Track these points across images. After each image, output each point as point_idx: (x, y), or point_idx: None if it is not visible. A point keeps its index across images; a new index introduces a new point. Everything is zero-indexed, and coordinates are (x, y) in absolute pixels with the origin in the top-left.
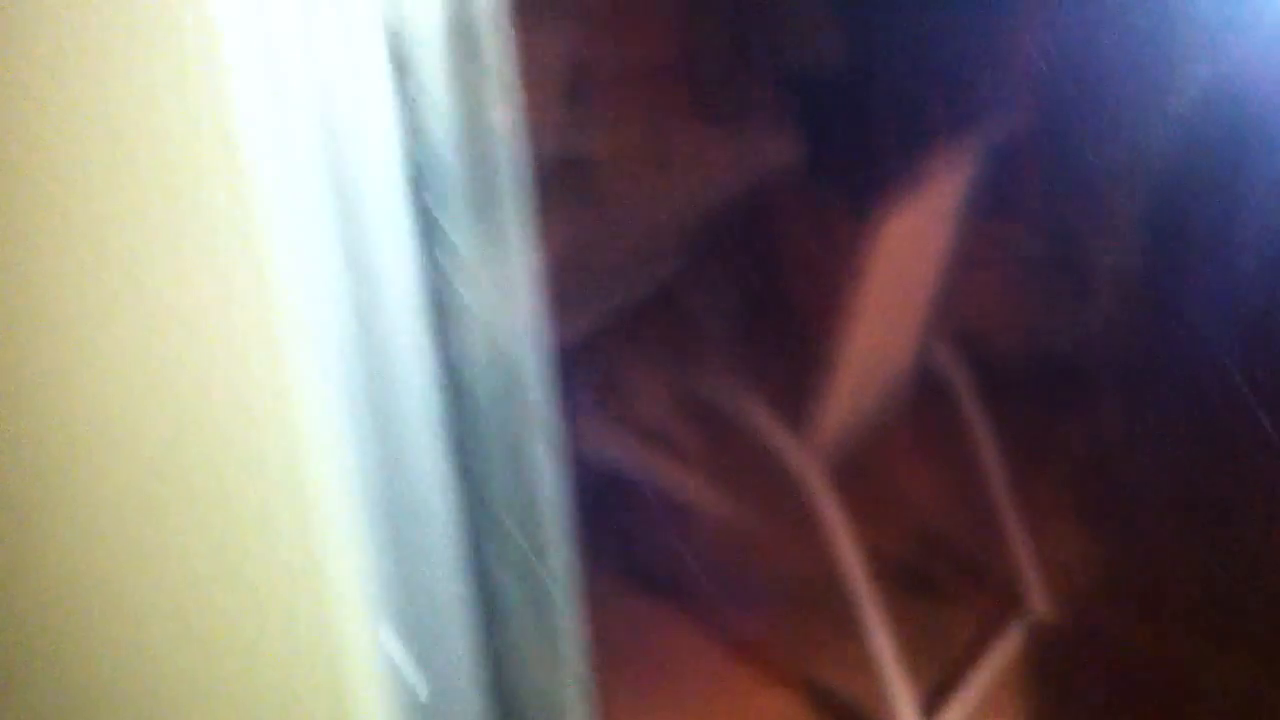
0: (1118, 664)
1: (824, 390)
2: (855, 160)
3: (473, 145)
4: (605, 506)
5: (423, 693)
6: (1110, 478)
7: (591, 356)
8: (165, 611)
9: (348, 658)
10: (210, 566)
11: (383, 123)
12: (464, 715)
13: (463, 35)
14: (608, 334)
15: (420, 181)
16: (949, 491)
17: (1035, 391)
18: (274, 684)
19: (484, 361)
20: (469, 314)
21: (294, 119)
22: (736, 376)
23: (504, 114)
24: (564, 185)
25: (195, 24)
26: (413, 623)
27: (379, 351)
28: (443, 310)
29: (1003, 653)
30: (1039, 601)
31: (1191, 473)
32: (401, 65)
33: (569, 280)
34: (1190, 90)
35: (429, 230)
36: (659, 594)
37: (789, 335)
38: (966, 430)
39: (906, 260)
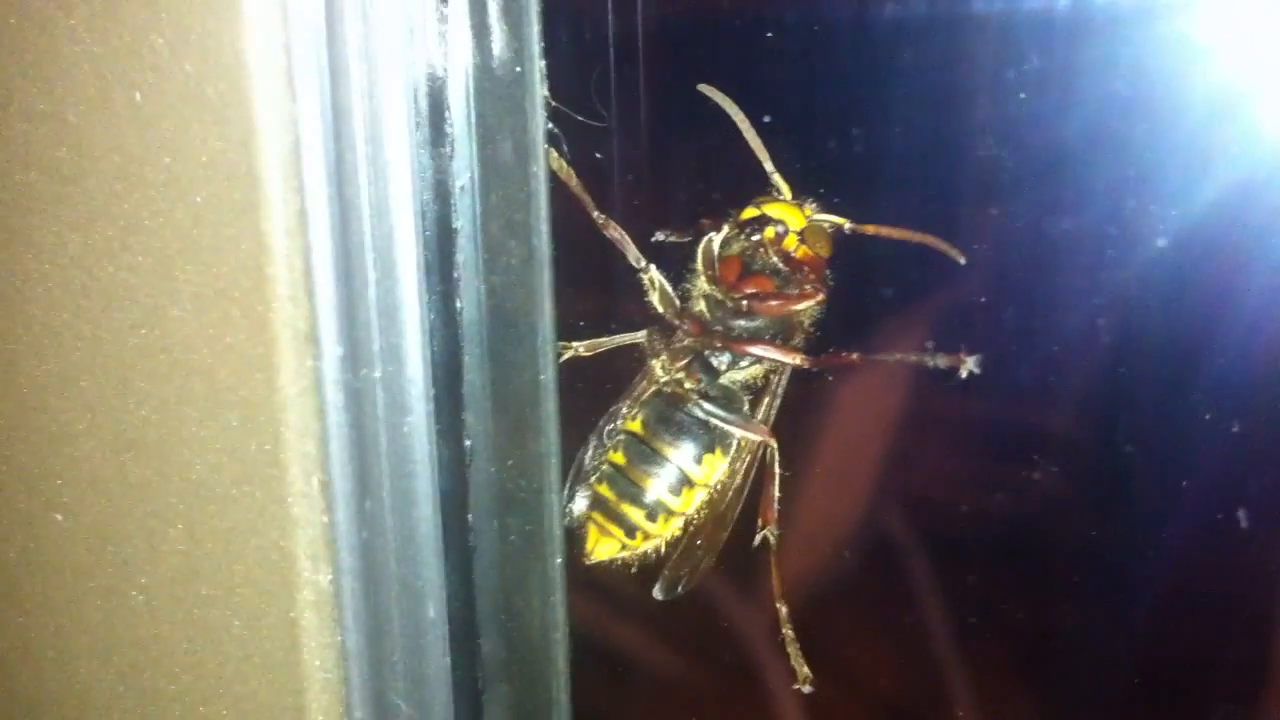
0: None
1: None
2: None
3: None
4: None
5: None
6: (1060, 646)
7: None
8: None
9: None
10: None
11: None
12: None
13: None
14: None
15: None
16: (897, 654)
17: (984, 557)
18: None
19: None
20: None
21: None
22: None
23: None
24: None
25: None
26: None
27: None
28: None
29: None
30: None
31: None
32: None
33: None
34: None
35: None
36: None
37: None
38: (916, 594)
39: (859, 421)
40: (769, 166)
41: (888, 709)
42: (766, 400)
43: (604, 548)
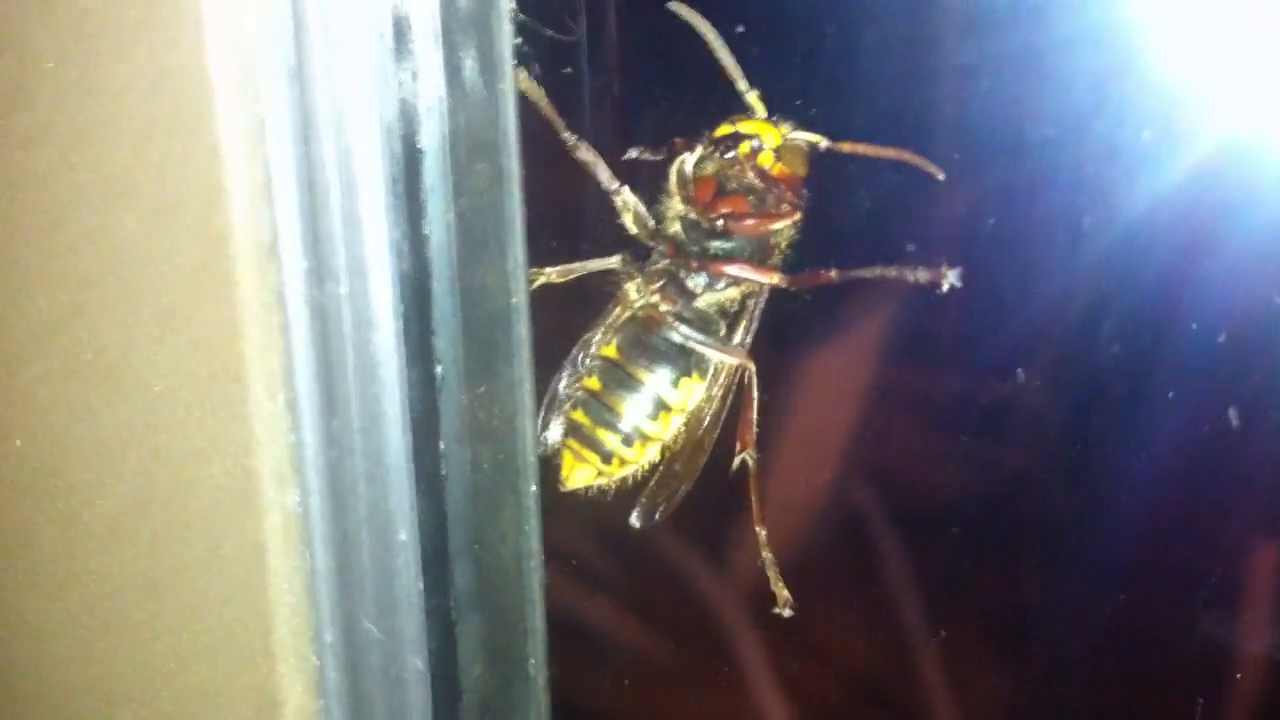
0: None
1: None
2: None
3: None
4: None
5: None
6: (1029, 623)
7: None
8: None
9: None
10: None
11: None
12: None
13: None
14: None
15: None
16: (867, 633)
17: (955, 536)
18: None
19: None
20: None
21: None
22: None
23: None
24: None
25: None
26: None
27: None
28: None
29: None
30: None
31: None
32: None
33: None
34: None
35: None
36: None
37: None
38: (884, 572)
39: (827, 398)
40: (742, 85)
41: (859, 682)
42: (743, 324)
43: (579, 474)
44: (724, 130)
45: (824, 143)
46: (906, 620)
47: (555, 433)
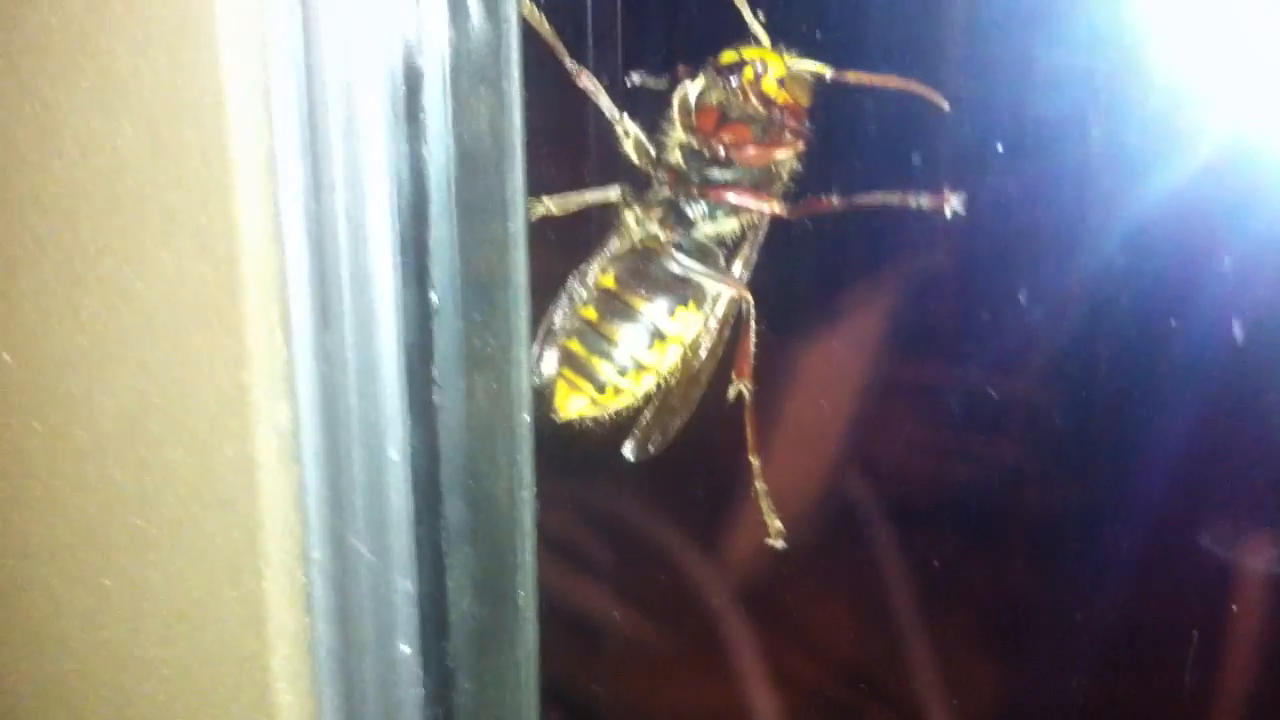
0: None
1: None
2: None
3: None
4: None
5: None
6: (1020, 614)
7: None
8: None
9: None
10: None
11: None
12: None
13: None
14: None
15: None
16: (860, 621)
17: (948, 527)
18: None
19: None
20: None
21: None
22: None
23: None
24: None
25: None
26: None
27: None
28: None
29: None
30: None
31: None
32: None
33: None
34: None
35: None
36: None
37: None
38: (878, 561)
39: (824, 388)
40: (747, 14)
41: (849, 671)
42: (742, 257)
43: (573, 403)
44: (728, 57)
45: (829, 72)
46: (903, 612)
47: (550, 365)
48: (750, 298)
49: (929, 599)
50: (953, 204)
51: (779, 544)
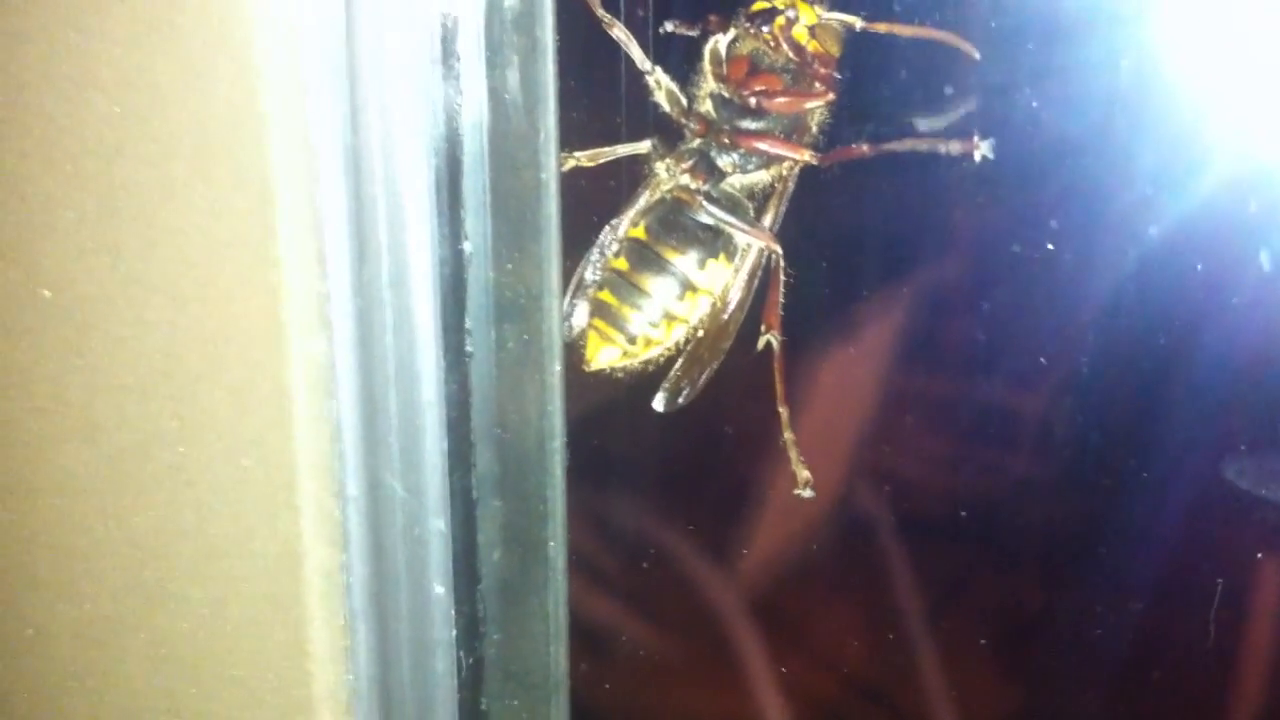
0: None
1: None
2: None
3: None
4: None
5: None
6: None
7: None
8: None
9: None
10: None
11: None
12: None
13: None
14: None
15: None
16: (868, 631)
17: (956, 537)
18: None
19: None
20: None
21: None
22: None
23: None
24: None
25: None
26: None
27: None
28: None
29: None
30: None
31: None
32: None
33: None
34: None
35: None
36: None
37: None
38: (887, 572)
39: (837, 399)
40: None
41: (859, 684)
42: (772, 209)
43: (605, 354)
44: (760, 5)
45: (859, 23)
46: (912, 621)
47: (580, 317)
48: (779, 249)
49: (941, 608)
50: (982, 150)
51: (807, 493)
